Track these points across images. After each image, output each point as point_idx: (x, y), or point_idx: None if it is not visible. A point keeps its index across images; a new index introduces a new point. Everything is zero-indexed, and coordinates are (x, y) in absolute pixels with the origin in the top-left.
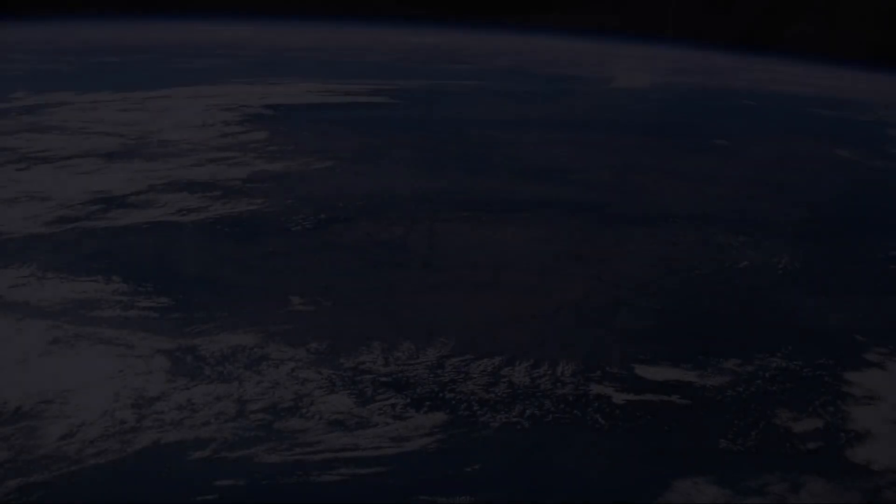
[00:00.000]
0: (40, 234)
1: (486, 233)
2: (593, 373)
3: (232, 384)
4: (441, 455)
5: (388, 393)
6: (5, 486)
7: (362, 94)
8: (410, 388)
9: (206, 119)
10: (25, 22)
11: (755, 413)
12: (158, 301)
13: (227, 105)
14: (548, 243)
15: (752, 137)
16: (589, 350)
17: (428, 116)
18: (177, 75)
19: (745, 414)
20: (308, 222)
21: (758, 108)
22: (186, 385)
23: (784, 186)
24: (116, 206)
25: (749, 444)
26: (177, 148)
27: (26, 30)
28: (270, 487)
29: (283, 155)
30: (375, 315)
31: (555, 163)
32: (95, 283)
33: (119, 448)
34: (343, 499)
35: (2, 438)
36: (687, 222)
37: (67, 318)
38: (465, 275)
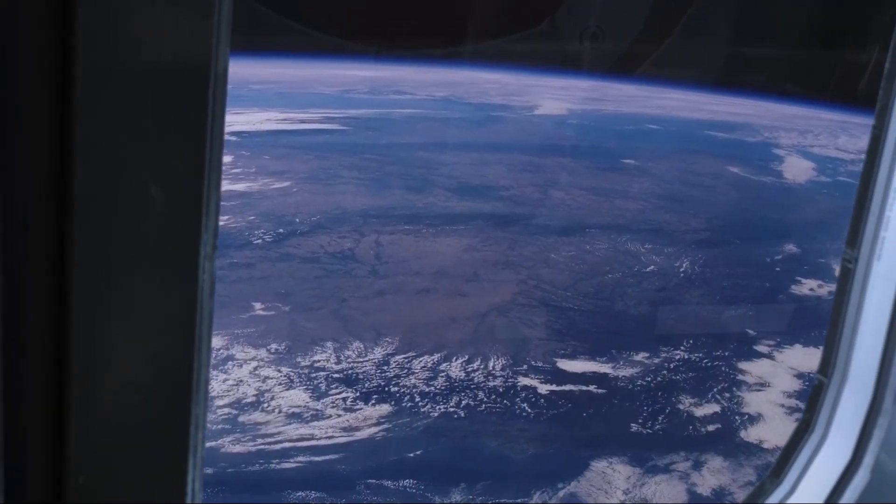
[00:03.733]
0: None
1: (425, 244)
2: (520, 367)
3: None
4: (387, 442)
5: (340, 388)
6: None
7: (316, 122)
8: (360, 383)
9: None
10: None
11: (662, 400)
12: None
13: None
14: (480, 252)
15: (656, 157)
16: (516, 346)
17: (374, 141)
18: None
19: (653, 401)
20: (268, 236)
21: (661, 132)
22: None
23: (684, 200)
24: None
25: (657, 428)
26: None
27: None
28: (235, 475)
29: (246, 176)
30: (328, 318)
31: (486, 181)
32: None
33: None
34: (300, 484)
35: None
36: (601, 232)
37: None
38: (408, 281)
